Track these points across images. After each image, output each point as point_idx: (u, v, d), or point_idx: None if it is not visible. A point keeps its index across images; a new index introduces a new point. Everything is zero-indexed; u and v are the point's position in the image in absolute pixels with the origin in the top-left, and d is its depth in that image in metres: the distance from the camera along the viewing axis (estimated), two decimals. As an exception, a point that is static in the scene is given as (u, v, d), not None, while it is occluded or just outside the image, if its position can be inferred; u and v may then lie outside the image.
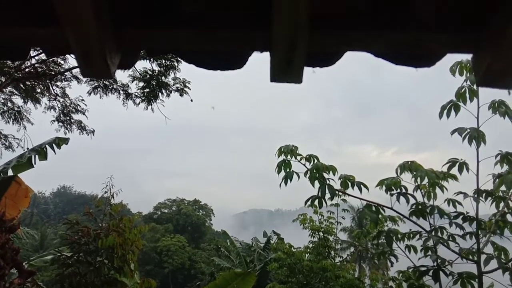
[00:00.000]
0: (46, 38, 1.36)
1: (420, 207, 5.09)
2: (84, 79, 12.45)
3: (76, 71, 12.56)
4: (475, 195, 4.88)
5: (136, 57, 1.45)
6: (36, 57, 11.47)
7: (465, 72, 4.82)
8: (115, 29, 1.30)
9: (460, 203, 5.08)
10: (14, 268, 7.36)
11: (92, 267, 8.47)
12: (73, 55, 1.33)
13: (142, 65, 11.91)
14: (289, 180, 5.08)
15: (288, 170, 5.17)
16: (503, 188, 4.79)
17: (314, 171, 4.90)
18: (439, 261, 5.02)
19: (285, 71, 1.28)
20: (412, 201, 5.05)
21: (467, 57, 4.86)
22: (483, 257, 4.69)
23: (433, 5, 1.30)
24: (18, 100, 13.03)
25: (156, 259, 47.67)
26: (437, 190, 5.06)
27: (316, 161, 5.09)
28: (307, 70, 1.47)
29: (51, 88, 12.75)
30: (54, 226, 51.54)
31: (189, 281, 43.15)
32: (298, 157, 5.20)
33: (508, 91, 4.30)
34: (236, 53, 1.40)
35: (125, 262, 8.47)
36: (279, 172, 5.22)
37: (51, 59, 11.97)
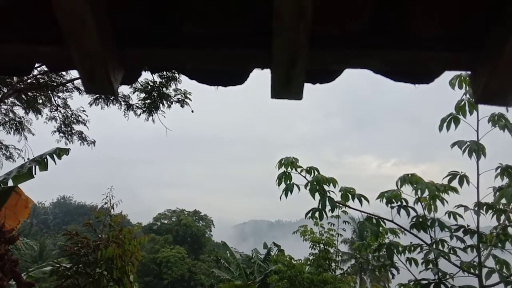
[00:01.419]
0: (51, 55, 1.38)
1: (420, 219, 5.08)
2: (86, 90, 12.50)
3: (78, 82, 12.63)
4: (476, 208, 4.87)
5: (138, 74, 1.47)
6: (38, 68, 11.56)
7: (464, 85, 4.85)
8: (118, 48, 1.32)
9: (461, 216, 5.07)
10: (12, 279, 7.31)
11: (91, 278, 8.41)
12: (76, 72, 1.35)
13: (144, 76, 12.01)
14: (289, 192, 5.09)
15: (288, 182, 5.17)
16: (503, 201, 4.79)
17: (315, 183, 4.91)
18: (440, 274, 4.98)
19: (285, 88, 1.30)
20: (412, 213, 5.04)
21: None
22: (484, 270, 4.66)
23: (432, 25, 1.33)
24: (19, 111, 13.10)
25: (156, 271, 47.34)
26: (438, 202, 5.05)
27: (316, 173, 5.10)
28: (307, 84, 1.49)
29: (52, 99, 12.82)
30: (54, 237, 51.31)
31: (188, 293, 42.78)
32: (299, 169, 5.21)
33: (506, 109, 4.33)
34: (237, 71, 1.43)
35: (124, 274, 8.42)
36: (279, 184, 5.23)
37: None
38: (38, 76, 11.95)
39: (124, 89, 12.69)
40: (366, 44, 1.35)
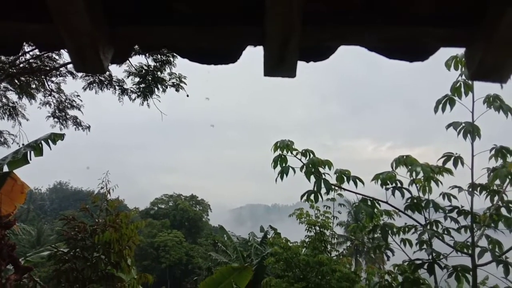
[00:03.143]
0: (39, 33, 1.36)
1: (415, 201, 5.12)
2: (80, 75, 12.39)
3: (71, 66, 12.47)
4: (470, 189, 4.91)
5: (129, 52, 1.44)
6: (31, 53, 11.40)
7: (460, 66, 4.83)
8: (108, 25, 1.29)
9: (455, 197, 5.12)
10: (10, 264, 7.35)
11: (89, 262, 8.47)
12: (66, 50, 1.33)
13: (138, 60, 11.88)
14: (285, 175, 5.09)
15: (284, 165, 5.18)
16: (497, 182, 4.83)
17: (310, 165, 4.92)
18: (434, 254, 5.05)
19: (278, 65, 1.28)
20: (407, 195, 5.08)
21: (462, 51, 4.87)
22: (477, 250, 4.73)
23: (427, 1, 1.31)
24: (12, 96, 12.96)
25: (153, 255, 47.76)
26: (432, 184, 5.09)
27: (312, 156, 5.10)
28: (301, 65, 1.47)
29: (46, 83, 12.67)
30: (51, 222, 51.48)
31: (186, 276, 43.28)
32: (294, 152, 5.21)
33: (501, 85, 4.32)
34: (230, 48, 1.40)
35: (122, 258, 8.47)
36: (275, 167, 5.23)
37: (46, 55, 11.89)
38: (30, 61, 11.80)
39: (118, 73, 12.57)
40: (361, 20, 1.32)
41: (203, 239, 51.11)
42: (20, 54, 10.68)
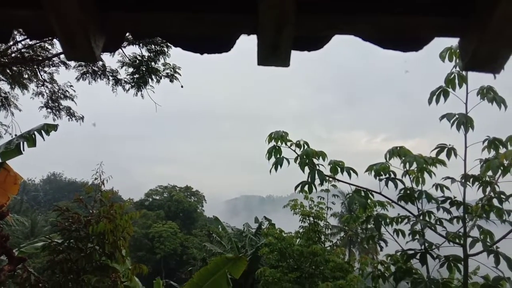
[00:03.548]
0: (29, 20, 1.33)
1: (408, 192, 5.15)
2: (73, 65, 12.27)
3: (64, 56, 12.33)
4: (463, 180, 4.95)
5: (121, 40, 1.42)
6: (23, 42, 11.25)
7: (454, 58, 4.84)
8: (99, 12, 1.27)
9: (447, 188, 5.16)
10: (4, 255, 7.34)
11: (83, 253, 8.46)
12: (56, 38, 1.31)
13: (131, 50, 11.77)
14: (279, 166, 5.10)
15: (278, 156, 5.18)
16: (490, 173, 4.87)
17: (304, 157, 4.92)
18: (426, 244, 5.10)
19: (272, 54, 1.27)
20: (400, 186, 5.11)
21: (456, 42, 4.87)
22: (469, 240, 4.78)
23: (421, -12, 1.30)
24: (4, 86, 12.81)
25: (148, 245, 47.86)
26: (425, 175, 5.12)
27: (306, 147, 5.11)
28: (296, 56, 1.46)
29: (38, 73, 12.53)
30: (45, 213, 51.31)
31: (181, 267, 43.45)
32: (288, 143, 5.21)
33: (494, 75, 4.33)
34: (223, 36, 1.39)
35: (116, 248, 8.47)
36: (269, 158, 5.23)
37: (38, 44, 11.75)
38: (22, 50, 11.65)
39: (112, 64, 12.47)
40: (355, 9, 1.32)
41: (198, 230, 51.26)
42: (11, 43, 10.54)
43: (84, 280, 8.03)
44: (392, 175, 5.06)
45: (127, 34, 1.49)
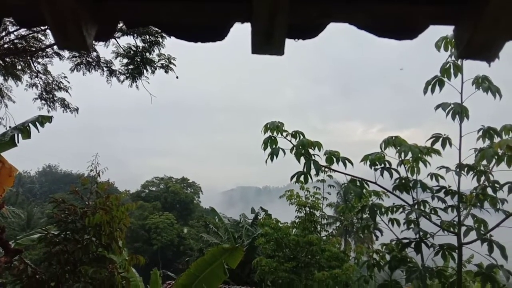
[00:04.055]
0: (20, 8, 1.31)
1: (403, 181, 5.18)
2: (67, 56, 12.16)
3: (58, 47, 12.22)
4: (457, 169, 4.98)
5: (113, 29, 1.41)
6: (15, 33, 11.12)
7: (450, 47, 4.83)
8: (92, 0, 1.25)
9: (442, 178, 5.19)
10: (0, 247, 7.33)
11: (80, 244, 8.46)
12: (48, 27, 1.29)
13: (126, 41, 11.67)
14: (275, 157, 5.09)
15: (274, 146, 5.17)
16: (484, 162, 4.90)
17: (300, 147, 4.92)
18: (421, 233, 5.15)
19: (266, 43, 1.26)
20: (395, 175, 5.14)
21: (452, 31, 4.86)
22: (463, 229, 4.83)
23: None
24: (-3, 78, 12.68)
25: (145, 237, 48.01)
26: (421, 165, 5.15)
27: (302, 137, 5.10)
28: (293, 47, 1.45)
29: (32, 65, 12.41)
30: (41, 205, 51.24)
31: (178, 257, 43.67)
32: (284, 134, 5.20)
33: (489, 64, 4.34)
34: (217, 25, 1.38)
35: (113, 240, 8.48)
36: (265, 148, 5.22)
37: (31, 35, 11.62)
38: (15, 41, 11.52)
39: (106, 54, 12.36)
40: (350, -4, 1.30)
41: (195, 221, 51.41)
42: (4, 34, 10.41)
43: (81, 271, 8.05)
44: (388, 165, 5.08)
45: (120, 23, 1.48)
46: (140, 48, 11.53)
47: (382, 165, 5.04)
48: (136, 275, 10.40)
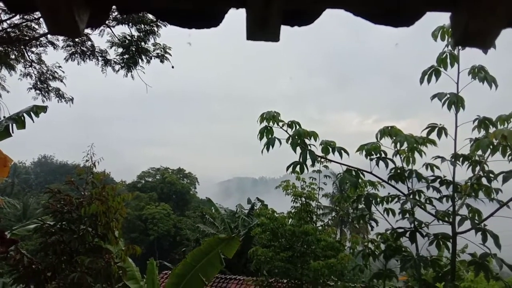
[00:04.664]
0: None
1: (398, 171, 5.20)
2: (61, 45, 12.03)
3: (52, 36, 12.08)
4: (453, 159, 5.00)
5: (106, 15, 1.38)
6: (8, 21, 10.98)
7: (446, 36, 4.82)
8: (83, -16, 1.23)
9: (437, 168, 5.21)
10: (-5, 237, 7.32)
11: (76, 235, 8.47)
12: (40, 12, 1.27)
13: (121, 30, 11.55)
14: (271, 147, 5.08)
15: (270, 136, 5.16)
16: (479, 152, 4.92)
17: (296, 137, 4.92)
18: (416, 223, 5.19)
19: (261, 29, 1.24)
20: (391, 165, 5.15)
21: (448, 21, 4.84)
22: (457, 218, 4.87)
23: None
24: (-9, 67, 12.54)
25: (141, 227, 48.13)
26: (416, 155, 5.17)
27: (298, 127, 5.10)
28: (288, 38, 1.43)
29: (26, 54, 12.28)
30: (36, 196, 51.09)
31: (174, 248, 43.83)
32: (280, 124, 5.19)
33: (485, 51, 4.33)
34: (211, 11, 1.36)
35: (109, 230, 8.50)
36: (261, 138, 5.21)
37: (24, 24, 11.47)
38: (8, 30, 11.37)
39: (101, 44, 12.24)
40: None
41: (191, 211, 51.55)
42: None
43: (77, 261, 8.07)
44: (383, 155, 5.09)
45: (113, 10, 1.45)
46: (135, 37, 11.43)
47: (378, 155, 5.05)
48: (132, 265, 10.44)
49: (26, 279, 8.13)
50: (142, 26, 11.09)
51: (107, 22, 10.89)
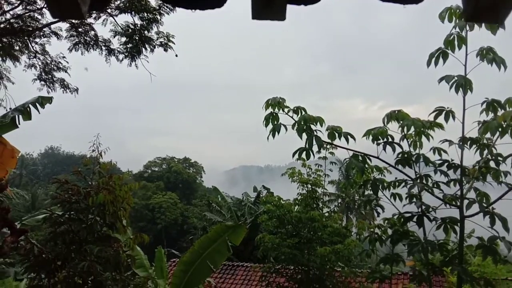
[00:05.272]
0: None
1: (406, 155, 5.17)
2: (64, 35, 12.00)
3: (55, 27, 12.07)
4: (460, 143, 4.95)
5: (109, -4, 1.36)
6: (11, 12, 10.96)
7: (454, 18, 4.73)
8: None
9: (445, 151, 5.17)
10: (6, 227, 7.41)
11: (84, 224, 8.55)
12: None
13: (124, 18, 11.49)
14: (276, 133, 5.04)
15: (275, 123, 5.13)
16: (488, 135, 4.87)
17: (302, 122, 4.88)
18: (423, 207, 5.17)
19: (266, 7, 1.21)
20: (398, 150, 5.12)
21: (456, 2, 4.76)
22: (465, 202, 4.84)
23: None
24: (-5, 59, 12.55)
25: (149, 216, 48.57)
26: (423, 139, 5.12)
27: (303, 113, 5.05)
28: (293, 24, 1.40)
29: (29, 45, 12.27)
30: (45, 187, 51.67)
31: (182, 236, 44.26)
32: (286, 110, 5.15)
33: (494, 32, 4.25)
34: (215, -10, 1.33)
35: (117, 219, 8.56)
36: (266, 125, 5.17)
37: (27, 14, 11.44)
38: (11, 21, 11.36)
39: (104, 33, 12.18)
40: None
41: (198, 200, 51.85)
42: (-1, 13, 10.26)
43: (86, 250, 8.16)
44: (390, 140, 5.05)
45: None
46: (138, 26, 11.36)
47: (385, 140, 5.01)
48: (141, 253, 10.55)
49: (37, 268, 8.25)
50: (145, 14, 11.02)
51: (109, 11, 10.83)
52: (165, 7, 10.41)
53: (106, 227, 8.72)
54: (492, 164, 4.98)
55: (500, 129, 4.43)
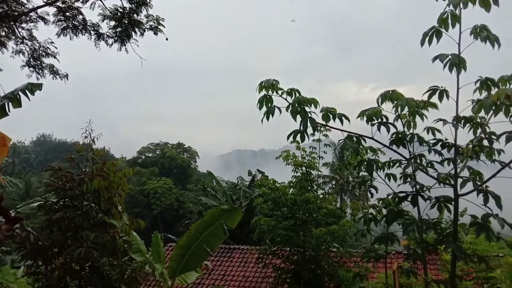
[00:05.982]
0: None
1: (400, 135, 5.17)
2: (52, 20, 11.75)
3: (42, 11, 11.79)
4: (454, 122, 4.95)
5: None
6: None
7: (448, -4, 4.67)
8: None
9: (439, 131, 5.17)
10: (0, 216, 7.36)
11: (79, 211, 8.54)
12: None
13: (112, 2, 11.25)
14: (271, 116, 4.98)
15: (269, 105, 5.07)
16: (481, 114, 4.87)
17: (296, 104, 4.83)
18: (417, 186, 5.20)
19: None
20: (392, 130, 5.11)
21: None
22: (459, 181, 4.87)
23: None
24: (-19, 45, 12.27)
25: (144, 202, 48.69)
26: (417, 118, 5.11)
27: (297, 94, 5.01)
28: (287, 8, 1.34)
29: (16, 30, 12.01)
30: (38, 175, 51.44)
31: (178, 221, 44.51)
32: (280, 92, 5.10)
33: (488, 9, 4.21)
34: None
35: (112, 205, 8.56)
36: (260, 107, 5.11)
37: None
38: (-4, 6, 11.08)
39: (92, 17, 11.94)
40: None
41: (193, 185, 51.97)
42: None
43: (82, 236, 8.17)
44: (384, 120, 5.04)
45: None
46: (127, 9, 11.14)
47: (379, 120, 5.00)
48: (137, 239, 10.60)
49: (34, 255, 8.26)
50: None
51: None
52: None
53: (102, 213, 8.73)
54: (485, 142, 5.00)
55: (494, 107, 4.42)
